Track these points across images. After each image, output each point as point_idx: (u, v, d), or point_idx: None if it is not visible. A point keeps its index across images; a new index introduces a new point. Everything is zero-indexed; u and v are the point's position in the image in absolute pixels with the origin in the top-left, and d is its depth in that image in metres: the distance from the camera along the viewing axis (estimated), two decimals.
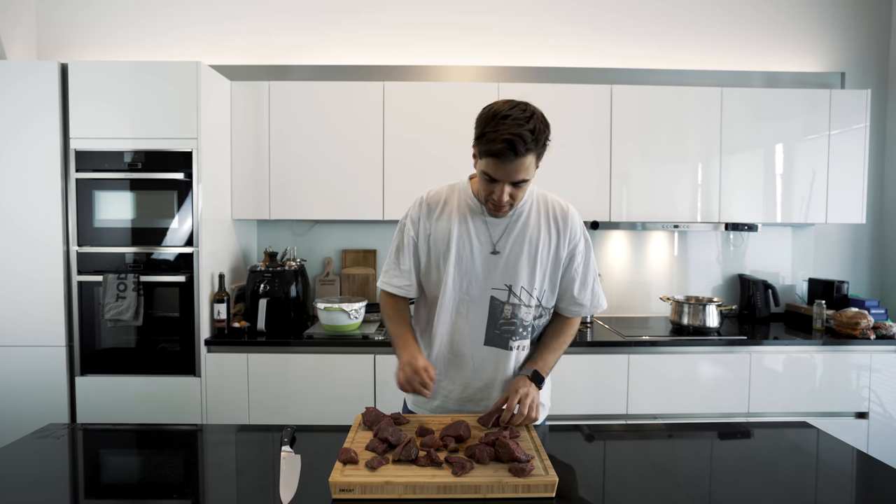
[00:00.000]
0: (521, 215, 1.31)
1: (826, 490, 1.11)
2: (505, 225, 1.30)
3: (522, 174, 1.16)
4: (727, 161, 2.62)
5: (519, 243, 1.30)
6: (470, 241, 1.30)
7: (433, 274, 1.34)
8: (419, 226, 1.33)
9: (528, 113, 1.14)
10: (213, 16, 2.83)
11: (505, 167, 1.14)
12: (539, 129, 1.14)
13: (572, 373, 2.33)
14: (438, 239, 1.31)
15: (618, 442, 1.36)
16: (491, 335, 1.32)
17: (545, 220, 1.32)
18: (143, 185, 2.28)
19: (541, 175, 2.58)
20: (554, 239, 1.32)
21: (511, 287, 1.30)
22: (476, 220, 1.31)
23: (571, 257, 1.34)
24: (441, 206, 1.33)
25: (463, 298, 1.32)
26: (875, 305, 2.63)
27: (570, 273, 1.35)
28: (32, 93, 2.26)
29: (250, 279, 2.51)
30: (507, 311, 1.31)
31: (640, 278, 2.97)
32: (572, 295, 1.36)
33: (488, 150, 1.14)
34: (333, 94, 2.54)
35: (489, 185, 1.20)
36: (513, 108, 1.14)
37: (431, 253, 1.33)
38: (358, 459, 1.04)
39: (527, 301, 1.31)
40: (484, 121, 1.16)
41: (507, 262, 1.30)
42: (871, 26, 2.94)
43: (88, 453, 1.27)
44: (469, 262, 1.30)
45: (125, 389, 2.29)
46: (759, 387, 2.37)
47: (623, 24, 2.89)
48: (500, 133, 1.11)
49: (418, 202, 1.36)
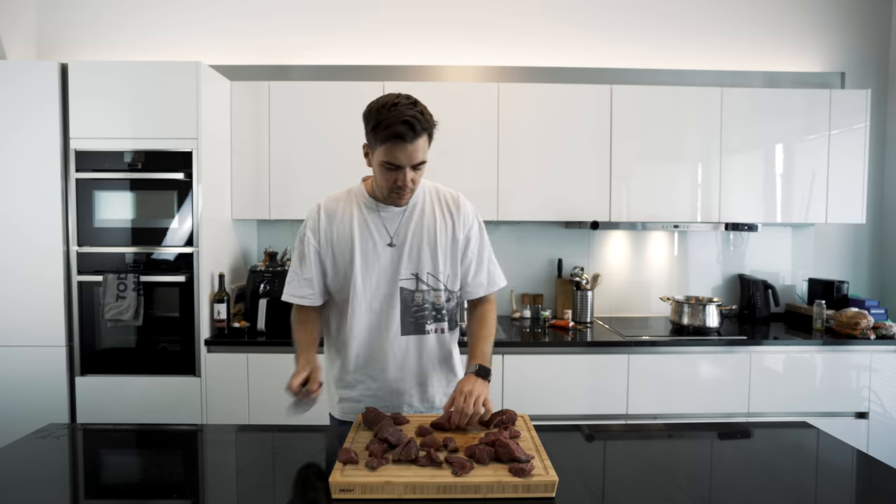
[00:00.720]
0: (416, 206, 1.37)
1: (826, 490, 1.11)
2: (400, 218, 1.36)
3: (421, 155, 1.23)
4: (727, 161, 2.62)
5: (418, 233, 1.35)
6: (371, 238, 1.34)
7: (341, 278, 1.36)
8: (319, 234, 1.36)
9: (412, 100, 1.23)
10: (214, 16, 2.83)
11: (405, 149, 1.20)
12: (426, 111, 1.23)
13: (572, 373, 2.33)
14: (341, 242, 1.35)
15: (618, 442, 1.36)
16: (406, 324, 1.36)
17: (439, 209, 1.39)
18: (143, 185, 2.28)
19: (541, 175, 2.59)
20: (450, 225, 1.39)
21: (418, 275, 1.36)
22: (373, 216, 1.35)
23: (468, 241, 1.41)
24: (339, 210, 1.37)
25: (374, 295, 1.35)
26: (875, 305, 2.63)
27: (468, 255, 1.41)
28: (32, 93, 2.26)
29: (250, 279, 2.51)
30: (417, 298, 1.36)
31: (640, 278, 2.97)
32: (471, 276, 1.42)
33: (388, 135, 1.19)
34: (333, 94, 2.54)
35: (391, 173, 1.25)
36: (398, 97, 1.22)
37: (337, 257, 1.35)
38: (358, 459, 1.04)
39: (435, 286, 1.37)
40: (375, 112, 1.22)
41: (410, 252, 1.35)
42: (871, 26, 2.94)
43: (88, 453, 1.27)
44: (374, 258, 1.34)
45: (125, 389, 2.29)
46: (759, 387, 2.37)
47: (623, 24, 2.89)
48: (396, 117, 1.18)
49: (316, 210, 1.38)
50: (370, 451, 1.06)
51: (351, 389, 1.41)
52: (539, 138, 2.58)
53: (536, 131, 2.58)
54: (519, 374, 2.31)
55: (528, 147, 2.58)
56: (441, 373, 1.42)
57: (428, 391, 1.41)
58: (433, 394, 1.42)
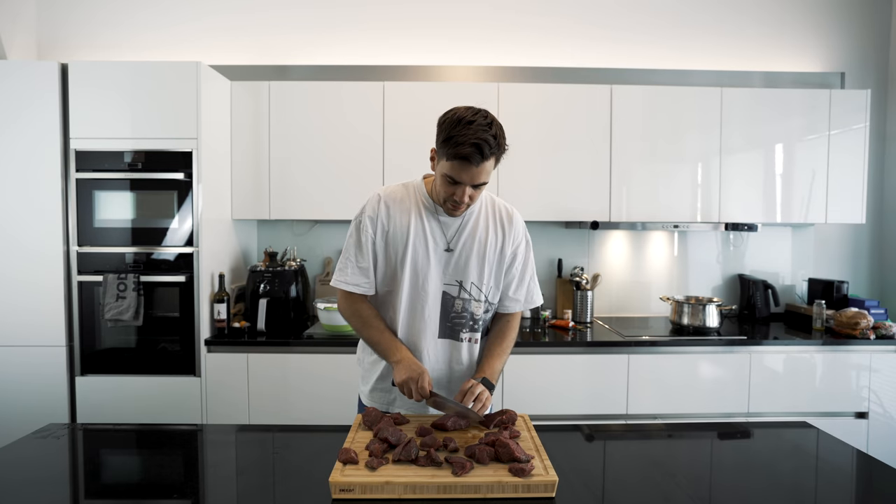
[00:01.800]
0: (472, 216, 1.38)
1: (826, 490, 1.11)
2: (458, 225, 1.37)
3: (484, 177, 1.23)
4: (727, 161, 2.62)
5: (469, 242, 1.36)
6: (425, 239, 1.34)
7: (390, 272, 1.36)
8: (377, 223, 1.35)
9: (490, 119, 1.21)
10: (214, 16, 2.83)
11: (469, 170, 1.20)
12: (500, 134, 1.21)
13: (572, 373, 2.33)
14: (396, 236, 1.34)
15: (618, 442, 1.36)
16: (444, 328, 1.38)
17: (493, 222, 1.40)
18: (143, 185, 2.28)
19: (541, 175, 2.59)
20: (500, 239, 1.40)
21: (462, 283, 1.37)
22: (431, 218, 1.36)
23: (514, 256, 1.42)
24: (398, 204, 1.36)
25: (419, 294, 1.35)
26: (875, 305, 2.63)
27: (512, 271, 1.43)
28: (32, 93, 2.26)
29: (250, 279, 2.51)
30: (457, 305, 1.37)
31: (640, 278, 2.97)
32: (511, 291, 1.44)
33: (456, 154, 1.18)
34: (333, 93, 2.54)
35: (451, 186, 1.25)
36: (476, 115, 1.20)
37: (389, 249, 1.36)
38: (358, 459, 1.04)
39: (476, 296, 1.38)
40: (450, 125, 1.20)
41: (459, 260, 1.36)
42: (871, 26, 2.94)
43: (88, 453, 1.27)
44: (424, 258, 1.34)
45: (125, 389, 2.29)
46: (759, 387, 2.37)
47: (623, 24, 2.89)
48: (467, 137, 1.16)
49: (376, 199, 1.37)
50: (370, 451, 1.06)
51: (384, 381, 1.42)
52: (539, 138, 2.58)
53: (537, 131, 2.58)
54: (519, 374, 2.31)
55: (529, 147, 2.58)
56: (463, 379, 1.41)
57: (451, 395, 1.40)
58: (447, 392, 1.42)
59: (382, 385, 1.42)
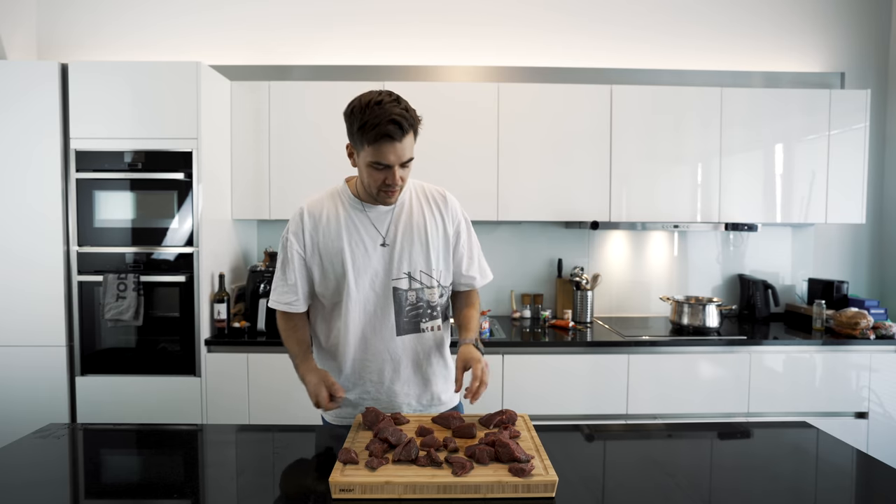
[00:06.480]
0: (404, 205, 1.36)
1: (826, 490, 1.11)
2: (390, 217, 1.34)
3: (409, 153, 1.22)
4: (727, 161, 2.62)
5: (408, 231, 1.34)
6: (361, 239, 1.32)
7: (331, 281, 1.33)
8: (305, 238, 1.33)
9: (395, 96, 1.20)
10: (214, 16, 2.83)
11: (394, 148, 1.19)
12: (410, 107, 1.21)
13: (572, 373, 2.33)
14: (329, 245, 1.32)
15: (617, 442, 1.36)
16: (401, 324, 1.35)
17: (427, 206, 1.38)
18: (144, 185, 2.28)
19: (541, 175, 2.59)
20: (440, 221, 1.38)
21: (410, 273, 1.35)
22: (361, 217, 1.33)
23: (458, 236, 1.41)
24: (324, 212, 1.33)
25: (368, 296, 1.33)
26: (875, 305, 2.63)
27: (459, 250, 1.42)
28: (33, 93, 2.26)
29: (250, 279, 2.51)
30: (411, 297, 1.35)
31: (640, 278, 2.97)
32: (463, 269, 1.43)
33: (376, 134, 1.16)
34: (333, 94, 2.54)
35: (380, 173, 1.22)
36: (380, 95, 1.19)
37: (325, 261, 1.32)
38: (358, 459, 1.04)
39: (428, 283, 1.37)
40: (360, 112, 1.18)
41: (402, 251, 1.33)
42: (871, 26, 2.94)
43: (88, 453, 1.27)
44: (365, 259, 1.32)
45: (125, 389, 2.29)
46: (759, 387, 2.37)
47: (623, 24, 2.89)
48: (382, 117, 1.15)
49: (299, 214, 1.34)
50: (370, 451, 1.06)
51: (346, 394, 1.38)
52: (539, 138, 2.58)
53: (537, 131, 2.58)
54: (519, 374, 2.31)
55: (529, 147, 2.58)
56: (439, 368, 1.42)
57: (430, 388, 1.41)
58: (437, 391, 1.42)
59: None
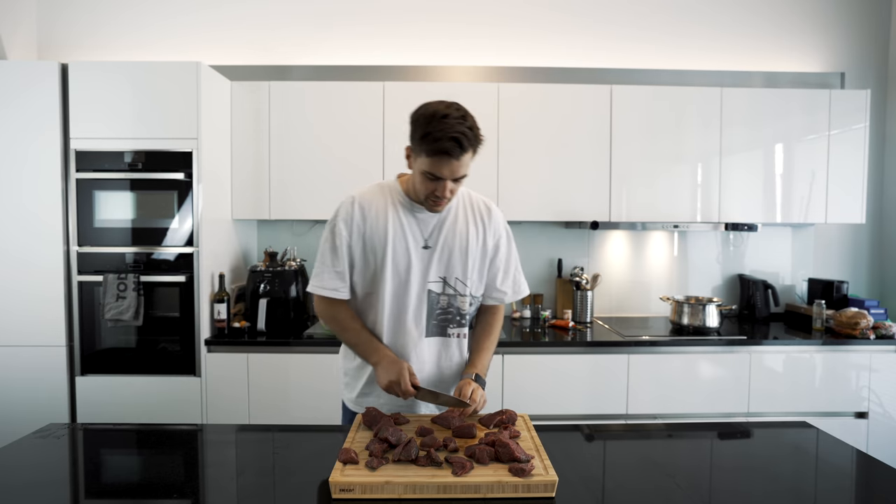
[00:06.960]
0: (451, 212, 1.38)
1: (826, 490, 1.11)
2: (435, 221, 1.36)
3: (464, 170, 1.24)
4: (727, 161, 2.62)
5: (450, 238, 1.36)
6: (405, 238, 1.34)
7: (369, 274, 1.35)
8: (352, 226, 1.34)
9: (462, 112, 1.22)
10: (214, 16, 2.83)
11: (450, 164, 1.20)
12: (475, 125, 1.22)
13: (572, 373, 2.33)
14: (374, 237, 1.33)
15: (617, 442, 1.36)
16: (430, 326, 1.38)
17: (472, 216, 1.41)
18: (144, 185, 2.28)
19: (541, 175, 2.59)
20: (481, 233, 1.40)
21: (445, 279, 1.37)
22: (408, 217, 1.35)
23: (497, 249, 1.43)
24: (374, 205, 1.35)
25: (403, 294, 1.35)
26: (875, 305, 2.63)
27: (496, 263, 1.44)
28: (33, 93, 2.26)
29: (250, 279, 2.51)
30: (442, 301, 1.38)
31: (639, 278, 2.97)
32: (497, 283, 1.44)
33: (435, 149, 1.18)
34: (333, 94, 2.54)
35: (431, 183, 1.25)
36: (449, 108, 1.21)
37: (367, 252, 1.35)
38: (358, 459, 1.04)
39: (461, 291, 1.39)
40: (425, 122, 1.20)
41: (441, 256, 1.36)
42: (871, 26, 2.94)
43: (88, 453, 1.27)
44: (404, 257, 1.34)
45: (125, 389, 2.29)
46: (759, 387, 2.37)
47: (623, 24, 2.89)
48: (445, 132, 1.17)
49: (350, 202, 1.36)
50: (370, 451, 1.06)
51: (371, 385, 1.40)
52: (539, 138, 2.58)
53: (536, 131, 2.58)
54: (519, 374, 2.31)
55: (528, 147, 2.58)
56: (456, 377, 1.42)
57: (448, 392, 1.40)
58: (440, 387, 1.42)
59: (370, 389, 1.40)
